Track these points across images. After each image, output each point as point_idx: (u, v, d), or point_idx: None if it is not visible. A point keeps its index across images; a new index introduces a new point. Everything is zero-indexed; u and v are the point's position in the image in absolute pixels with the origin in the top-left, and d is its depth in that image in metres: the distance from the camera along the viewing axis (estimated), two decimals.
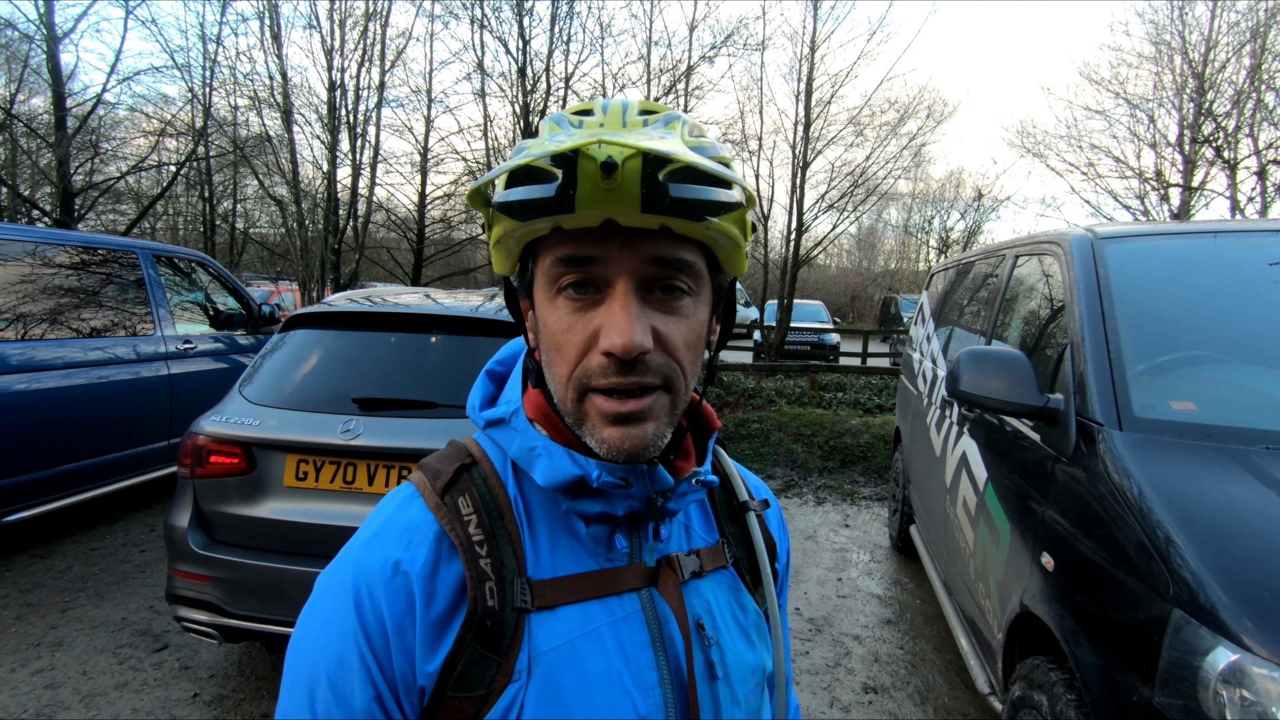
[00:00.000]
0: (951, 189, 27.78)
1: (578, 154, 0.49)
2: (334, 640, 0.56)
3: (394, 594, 0.56)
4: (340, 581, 0.58)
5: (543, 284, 0.57)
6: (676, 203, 0.51)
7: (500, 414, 0.65)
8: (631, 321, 0.53)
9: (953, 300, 4.14)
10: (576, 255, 0.54)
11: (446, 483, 0.62)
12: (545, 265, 0.56)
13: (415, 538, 0.58)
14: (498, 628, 0.56)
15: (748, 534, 0.74)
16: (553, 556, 0.61)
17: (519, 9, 12.70)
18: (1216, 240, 2.43)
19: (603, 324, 0.54)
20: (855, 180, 13.31)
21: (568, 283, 0.55)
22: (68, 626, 3.29)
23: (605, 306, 0.55)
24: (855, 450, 6.95)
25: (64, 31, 10.35)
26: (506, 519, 0.61)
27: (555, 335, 0.56)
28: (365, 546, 0.59)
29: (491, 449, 0.66)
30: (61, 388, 4.02)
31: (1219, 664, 1.27)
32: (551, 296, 0.56)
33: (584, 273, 0.54)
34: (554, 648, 0.57)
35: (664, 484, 0.61)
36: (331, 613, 0.57)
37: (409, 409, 2.57)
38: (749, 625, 0.69)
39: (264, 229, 21.09)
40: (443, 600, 0.56)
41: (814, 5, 12.24)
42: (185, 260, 5.51)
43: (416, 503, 0.61)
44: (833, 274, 38.21)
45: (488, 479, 0.63)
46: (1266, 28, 10.82)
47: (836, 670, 3.20)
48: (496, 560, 0.58)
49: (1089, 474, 1.82)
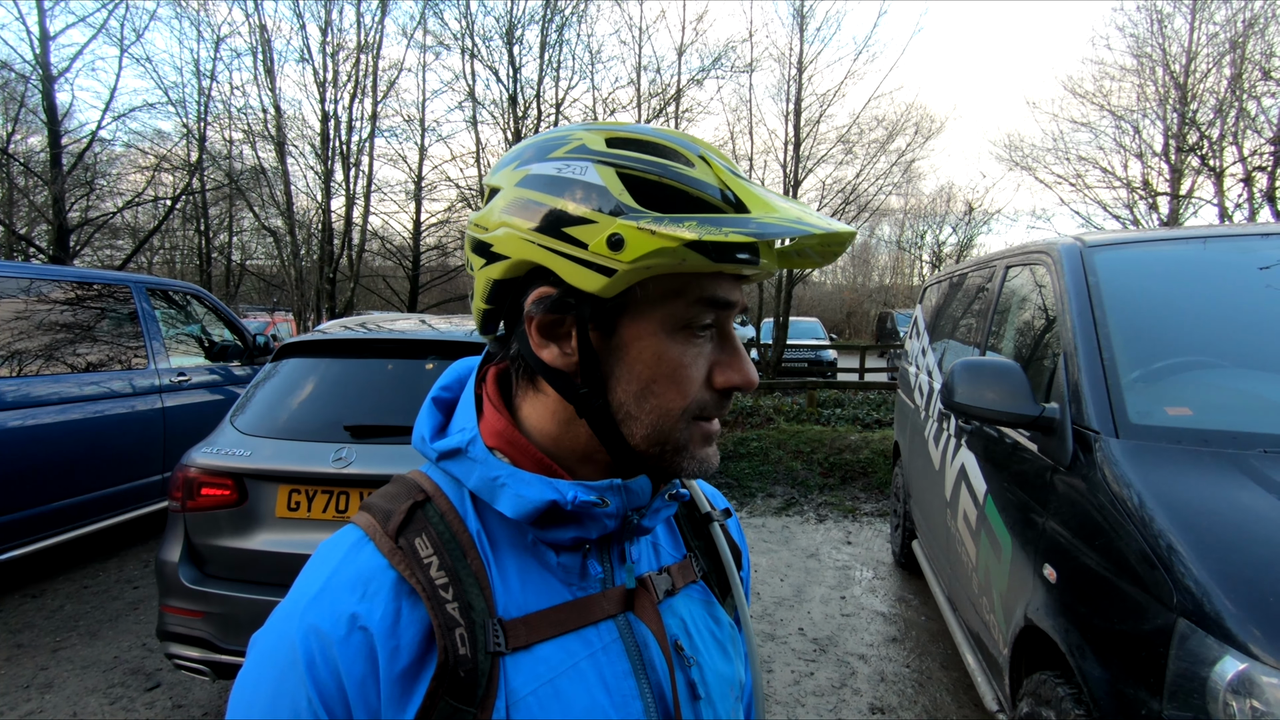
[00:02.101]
0: (943, 203, 28.03)
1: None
2: (285, 712, 0.50)
3: (352, 653, 0.50)
4: (287, 646, 0.51)
5: (662, 317, 0.56)
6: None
7: (455, 444, 0.60)
8: (750, 362, 0.59)
9: (947, 313, 4.15)
10: (726, 300, 0.57)
11: (400, 523, 0.57)
12: (681, 302, 0.55)
13: (371, 587, 0.53)
14: (471, 677, 0.51)
15: (713, 546, 0.73)
16: (524, 592, 0.57)
17: (509, 38, 12.91)
18: (1206, 246, 2.44)
19: (730, 364, 0.58)
20: (847, 197, 13.45)
21: (707, 322, 0.57)
22: (58, 667, 3.23)
23: (725, 346, 0.59)
24: (855, 466, 6.91)
25: (59, 71, 10.49)
26: (470, 557, 0.56)
27: (675, 370, 0.56)
28: (313, 603, 0.53)
29: (446, 482, 0.61)
30: (55, 423, 3.99)
31: (1227, 674, 1.24)
32: (671, 331, 0.56)
33: (722, 315, 0.58)
34: (533, 690, 0.53)
35: (640, 499, 0.59)
36: (280, 681, 0.51)
37: (403, 436, 2.55)
38: (724, 638, 0.68)
39: (260, 260, 21.19)
40: (408, 653, 0.51)
41: (800, 28, 12.45)
42: (179, 293, 5.51)
43: (367, 548, 0.55)
44: (828, 291, 38.40)
45: (445, 515, 0.58)
46: (1245, 38, 11.00)
47: (842, 691, 3.14)
48: (464, 603, 0.53)
49: (1088, 483, 1.80)
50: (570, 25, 13.43)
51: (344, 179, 13.09)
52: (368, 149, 13.32)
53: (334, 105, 12.84)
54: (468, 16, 13.04)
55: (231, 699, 0.53)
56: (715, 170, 0.55)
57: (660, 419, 0.57)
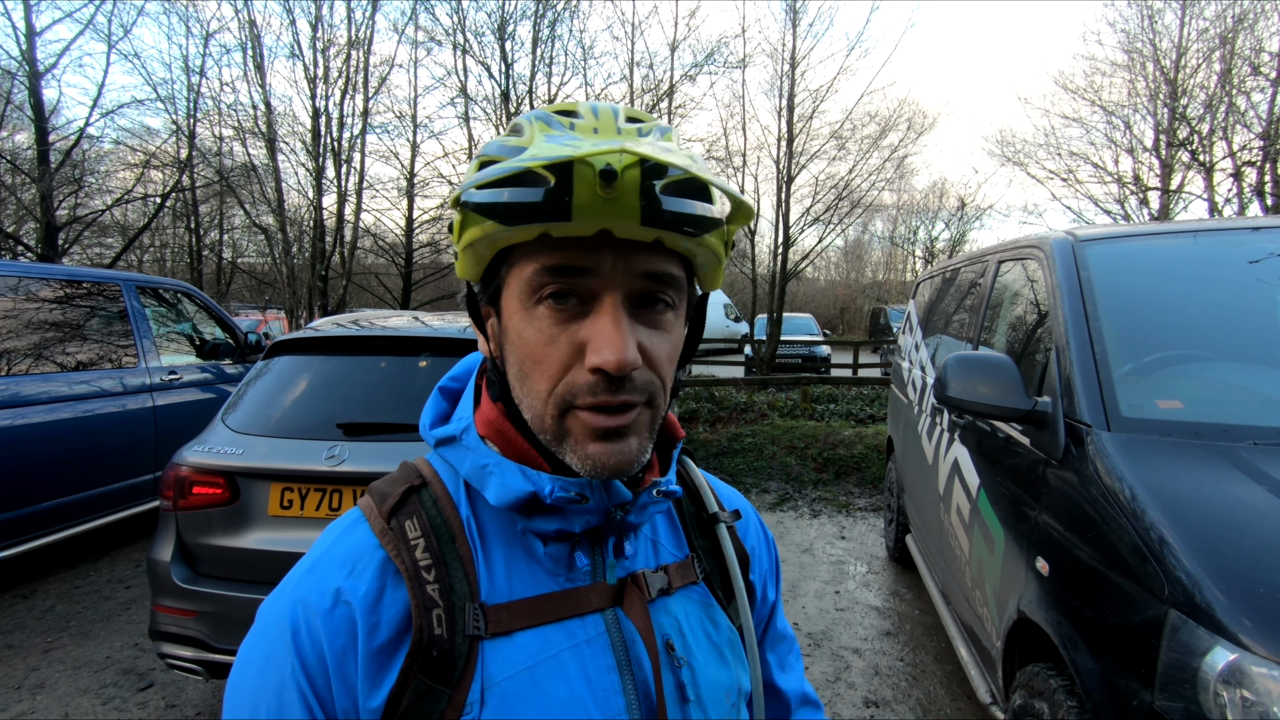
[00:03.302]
0: (935, 199, 28.06)
1: (573, 160, 0.47)
2: (272, 678, 0.53)
3: (335, 626, 0.53)
4: (278, 614, 0.55)
5: (518, 292, 0.54)
6: (674, 216, 0.50)
7: (451, 431, 0.62)
8: (625, 337, 0.51)
9: (939, 308, 4.16)
10: (566, 265, 0.52)
11: (393, 506, 0.59)
12: (525, 273, 0.53)
13: (359, 565, 0.55)
14: (446, 657, 0.53)
15: (718, 547, 0.70)
16: (509, 579, 0.58)
17: (501, 34, 12.84)
18: (1196, 240, 2.45)
19: (591, 338, 0.52)
20: (840, 193, 13.44)
21: (550, 292, 0.52)
22: (50, 668, 3.21)
23: (593, 320, 0.52)
24: (849, 461, 6.93)
25: (46, 67, 10.36)
26: (458, 541, 0.57)
27: (534, 348, 0.54)
28: (305, 576, 0.56)
29: (443, 469, 0.63)
30: (45, 423, 3.96)
31: (1218, 664, 1.25)
32: (529, 306, 0.54)
33: (570, 283, 0.52)
34: (509, 676, 0.54)
35: (621, 496, 0.58)
36: (271, 649, 0.54)
37: (395, 433, 2.54)
38: (722, 643, 0.66)
39: (251, 258, 21.05)
40: (387, 630, 0.53)
41: (793, 23, 12.44)
42: (170, 291, 5.47)
43: (361, 528, 0.58)
44: (821, 286, 38.46)
45: (438, 500, 0.60)
46: (1234, 34, 11.06)
47: (837, 685, 3.16)
48: (445, 586, 0.55)
49: (1080, 476, 1.81)
50: (562, 21, 13.37)
51: (335, 176, 13.00)
52: (359, 145, 13.24)
53: (325, 101, 12.74)
54: (459, 12, 12.97)
55: (237, 657, 0.57)
56: (583, 131, 0.52)
57: (534, 403, 0.55)
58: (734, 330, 21.83)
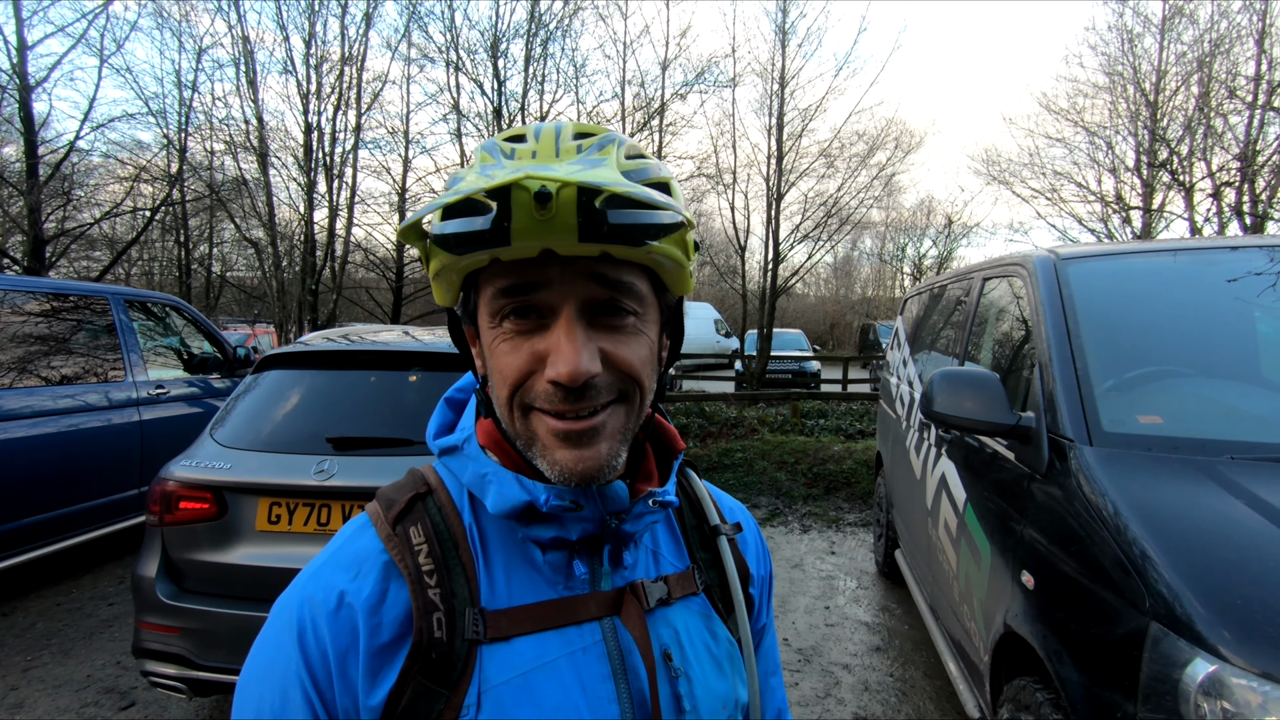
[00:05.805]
0: (923, 217, 28.38)
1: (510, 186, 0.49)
2: (278, 674, 0.55)
3: (339, 626, 0.55)
4: (286, 612, 0.57)
5: (485, 313, 0.57)
6: (615, 229, 0.51)
7: (453, 441, 0.65)
8: (577, 348, 0.52)
9: (927, 324, 4.20)
10: (518, 284, 0.54)
11: (399, 512, 0.61)
12: (487, 296, 0.56)
13: (364, 568, 0.58)
14: (445, 660, 0.54)
15: (719, 559, 0.71)
16: (509, 586, 0.60)
17: (494, 52, 12.97)
18: (1176, 259, 2.50)
19: (549, 350, 0.53)
20: (829, 210, 13.58)
21: (509, 310, 0.55)
22: (29, 687, 3.15)
23: (550, 333, 0.54)
24: (839, 476, 6.95)
25: (37, 81, 10.35)
26: (461, 548, 0.60)
27: (499, 359, 0.56)
28: (313, 576, 0.58)
29: (448, 477, 0.65)
30: (29, 437, 3.92)
31: (1198, 675, 1.27)
32: (495, 325, 0.56)
33: (525, 300, 0.54)
34: (506, 680, 0.55)
35: (617, 505, 0.60)
36: (277, 646, 0.56)
37: (385, 448, 2.54)
38: (721, 654, 0.67)
39: (241, 272, 20.96)
40: (388, 632, 0.55)
41: (782, 44, 12.63)
42: (158, 305, 5.44)
43: (368, 532, 0.61)
44: (811, 303, 38.71)
45: (443, 508, 0.62)
46: (1211, 58, 11.31)
47: (826, 701, 3.15)
48: (446, 590, 0.57)
49: (1063, 490, 1.83)
50: (555, 39, 13.52)
51: (327, 190, 13.02)
52: (351, 160, 13.27)
53: (317, 117, 12.79)
54: (452, 30, 13.10)
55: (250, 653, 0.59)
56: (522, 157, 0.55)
57: (503, 410, 0.58)
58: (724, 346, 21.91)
